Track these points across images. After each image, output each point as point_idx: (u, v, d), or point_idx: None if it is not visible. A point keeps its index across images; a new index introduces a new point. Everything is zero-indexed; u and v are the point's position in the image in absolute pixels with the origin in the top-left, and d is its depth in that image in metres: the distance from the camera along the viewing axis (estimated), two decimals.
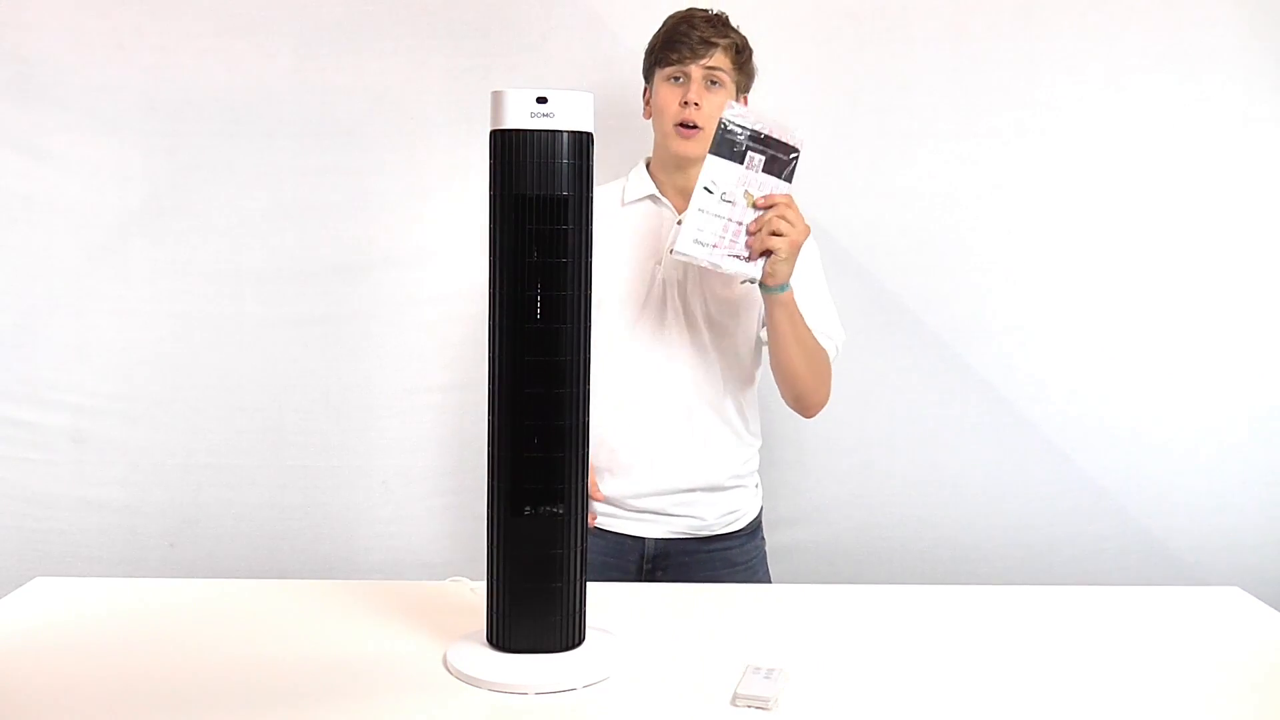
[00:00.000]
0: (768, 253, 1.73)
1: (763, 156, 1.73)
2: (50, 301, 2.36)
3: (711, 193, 1.72)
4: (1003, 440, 2.44)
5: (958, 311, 2.41)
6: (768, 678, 1.37)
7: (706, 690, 1.36)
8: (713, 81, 1.86)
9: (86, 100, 2.30)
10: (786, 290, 1.78)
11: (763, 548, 2.05)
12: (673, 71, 1.87)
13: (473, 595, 1.63)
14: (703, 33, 1.85)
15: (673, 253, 1.74)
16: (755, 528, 2.03)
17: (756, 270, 1.74)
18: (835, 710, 1.33)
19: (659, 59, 1.89)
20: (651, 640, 1.51)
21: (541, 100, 1.33)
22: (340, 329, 2.39)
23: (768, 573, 2.06)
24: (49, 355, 2.37)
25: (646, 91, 1.96)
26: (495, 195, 1.37)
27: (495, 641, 1.42)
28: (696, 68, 1.85)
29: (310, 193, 2.35)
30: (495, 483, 1.40)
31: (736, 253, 1.73)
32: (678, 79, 1.87)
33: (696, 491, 1.94)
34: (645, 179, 1.96)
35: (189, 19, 2.30)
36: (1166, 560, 2.47)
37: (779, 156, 1.74)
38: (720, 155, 1.72)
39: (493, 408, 1.40)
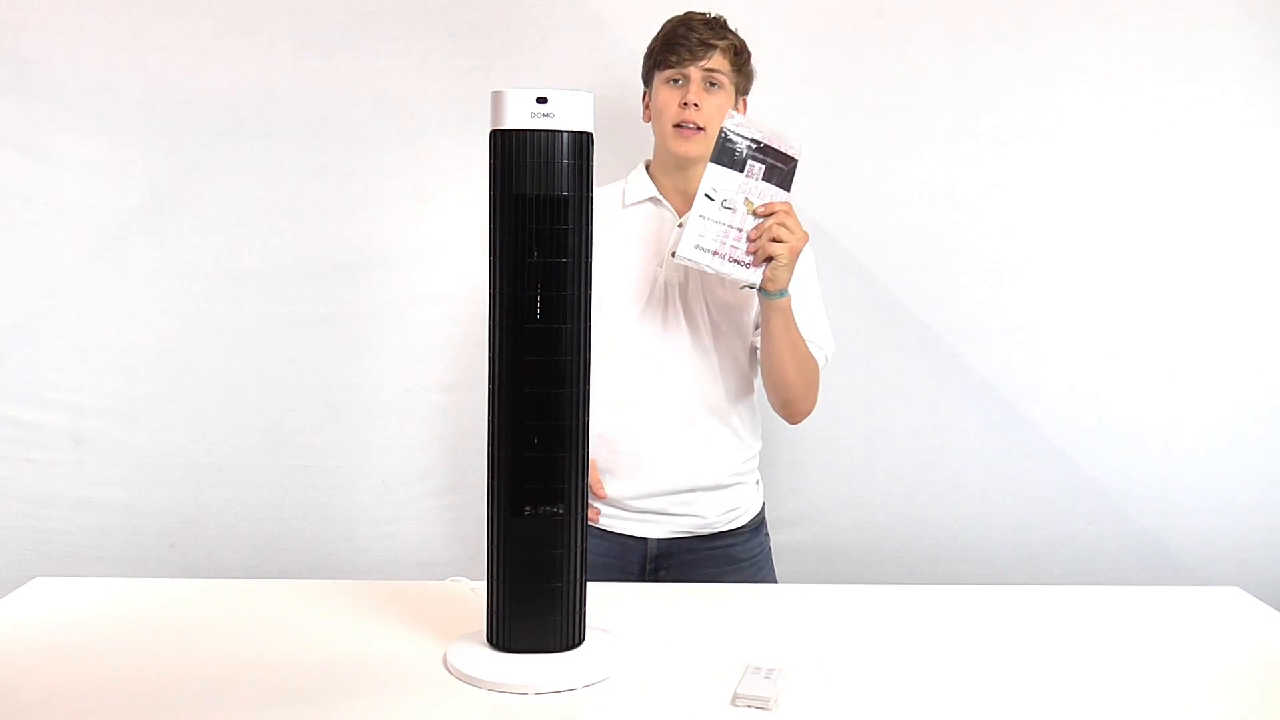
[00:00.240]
0: (768, 259, 1.75)
1: (762, 165, 1.75)
2: (50, 301, 2.36)
3: (713, 200, 1.74)
4: (1002, 440, 2.44)
5: (958, 312, 2.41)
6: (768, 678, 1.37)
7: (706, 690, 1.36)
8: (711, 83, 1.87)
9: (86, 100, 2.31)
10: (785, 296, 1.79)
11: (767, 544, 2.05)
12: (672, 74, 1.88)
13: (473, 595, 1.63)
14: (701, 35, 1.86)
15: (674, 256, 1.77)
16: (758, 524, 2.03)
17: (756, 276, 1.77)
18: (835, 710, 1.33)
19: (658, 61, 1.90)
20: (651, 640, 1.51)
21: (541, 100, 1.33)
22: (340, 329, 2.39)
23: (773, 569, 2.06)
24: (49, 355, 2.37)
25: (646, 95, 1.97)
26: (495, 195, 1.37)
27: (495, 641, 1.42)
28: (695, 69, 1.86)
29: (310, 193, 2.35)
30: (495, 483, 1.40)
31: (737, 258, 1.75)
32: (676, 81, 1.88)
33: (698, 491, 1.94)
34: (646, 181, 1.96)
35: (189, 19, 2.30)
36: (1166, 560, 2.47)
37: (778, 165, 1.76)
38: (721, 164, 1.75)
39: (493, 408, 1.40)
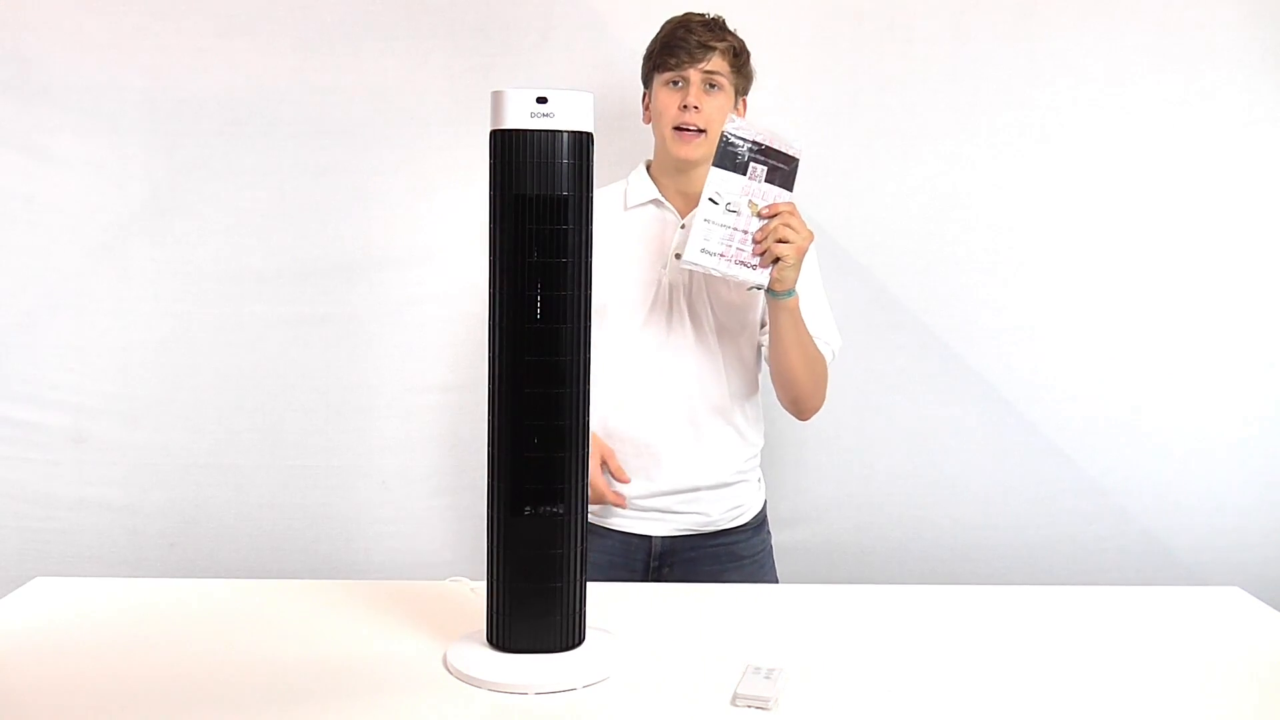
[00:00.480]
0: (775, 260, 1.75)
1: (764, 167, 1.75)
2: (50, 301, 2.36)
3: (716, 203, 1.74)
4: (1003, 440, 2.44)
5: (958, 311, 2.41)
6: (768, 678, 1.37)
7: (706, 690, 1.36)
8: (711, 85, 1.87)
9: (86, 100, 2.31)
10: (793, 296, 1.80)
11: (769, 542, 2.06)
12: (671, 76, 1.88)
13: (473, 595, 1.63)
14: (700, 37, 1.86)
15: (680, 260, 1.77)
16: (760, 522, 2.04)
17: (764, 277, 1.77)
18: (835, 710, 1.33)
19: (657, 64, 1.90)
20: (651, 640, 1.52)
21: (541, 100, 1.33)
22: (340, 329, 2.39)
23: (774, 567, 2.07)
24: (49, 355, 2.37)
25: (645, 96, 1.97)
26: (495, 195, 1.37)
27: (495, 641, 1.42)
28: (695, 71, 1.86)
29: (310, 193, 2.35)
30: (495, 483, 1.40)
31: (743, 260, 1.76)
32: (676, 83, 1.88)
33: (701, 490, 1.95)
34: (647, 182, 1.96)
35: (189, 19, 2.30)
36: (1166, 560, 2.47)
37: (780, 166, 1.76)
38: (723, 167, 1.75)
39: (493, 408, 1.40)
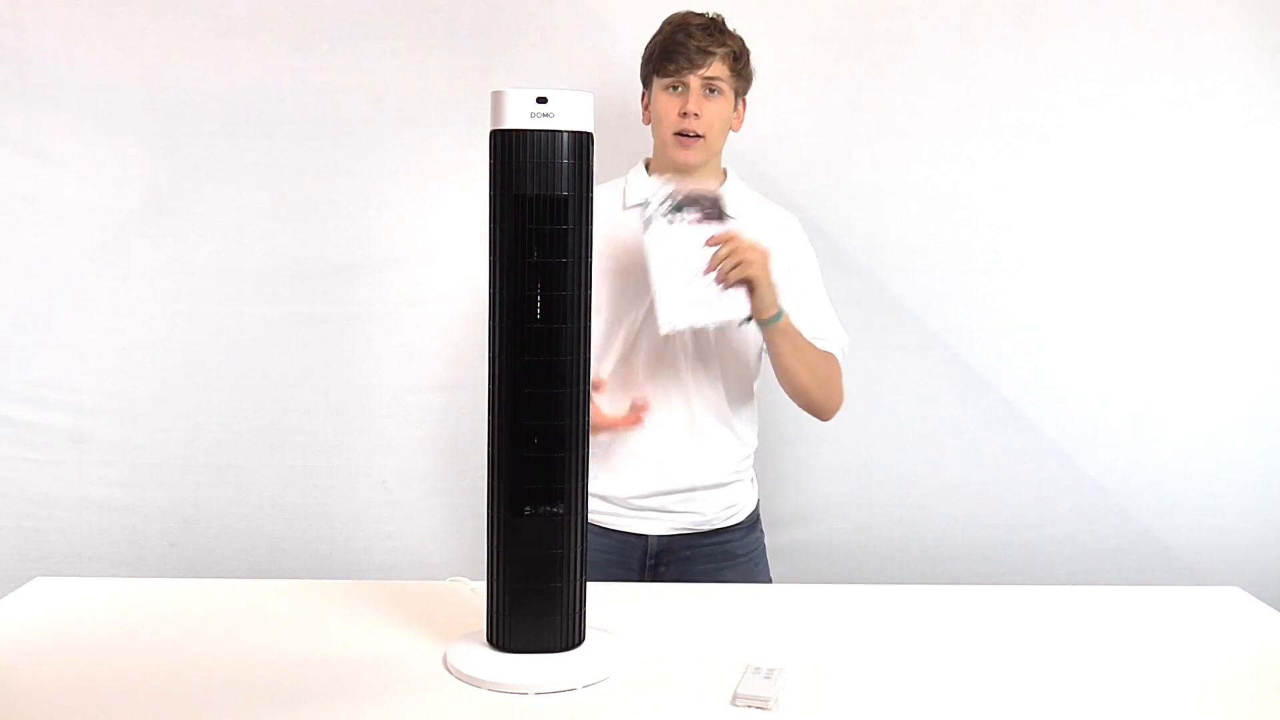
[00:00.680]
0: (744, 284, 1.74)
1: (692, 212, 1.76)
2: (50, 301, 2.36)
3: (666, 265, 1.73)
4: (1003, 440, 2.44)
5: (958, 311, 2.41)
6: (768, 678, 1.37)
7: (706, 690, 1.36)
8: (711, 90, 1.86)
9: (86, 100, 2.31)
10: (783, 317, 1.79)
11: (762, 540, 2.07)
12: (671, 81, 1.87)
13: (473, 595, 1.63)
14: (699, 42, 1.84)
15: (663, 333, 1.75)
16: (754, 521, 2.05)
17: (744, 306, 1.75)
18: (835, 710, 1.33)
19: (657, 68, 1.89)
20: (651, 640, 1.51)
21: (541, 100, 1.33)
22: (340, 329, 2.39)
23: (768, 565, 2.07)
24: (49, 355, 2.37)
25: (645, 96, 1.96)
26: (495, 195, 1.37)
27: (495, 641, 1.42)
28: (695, 77, 1.85)
29: (310, 193, 2.35)
30: (495, 483, 1.40)
31: (717, 300, 1.74)
32: (676, 88, 1.87)
33: (697, 490, 1.95)
34: (646, 183, 1.94)
35: (189, 19, 2.30)
36: (1166, 560, 2.47)
37: (704, 203, 1.76)
38: (656, 234, 1.74)
39: (493, 408, 1.40)
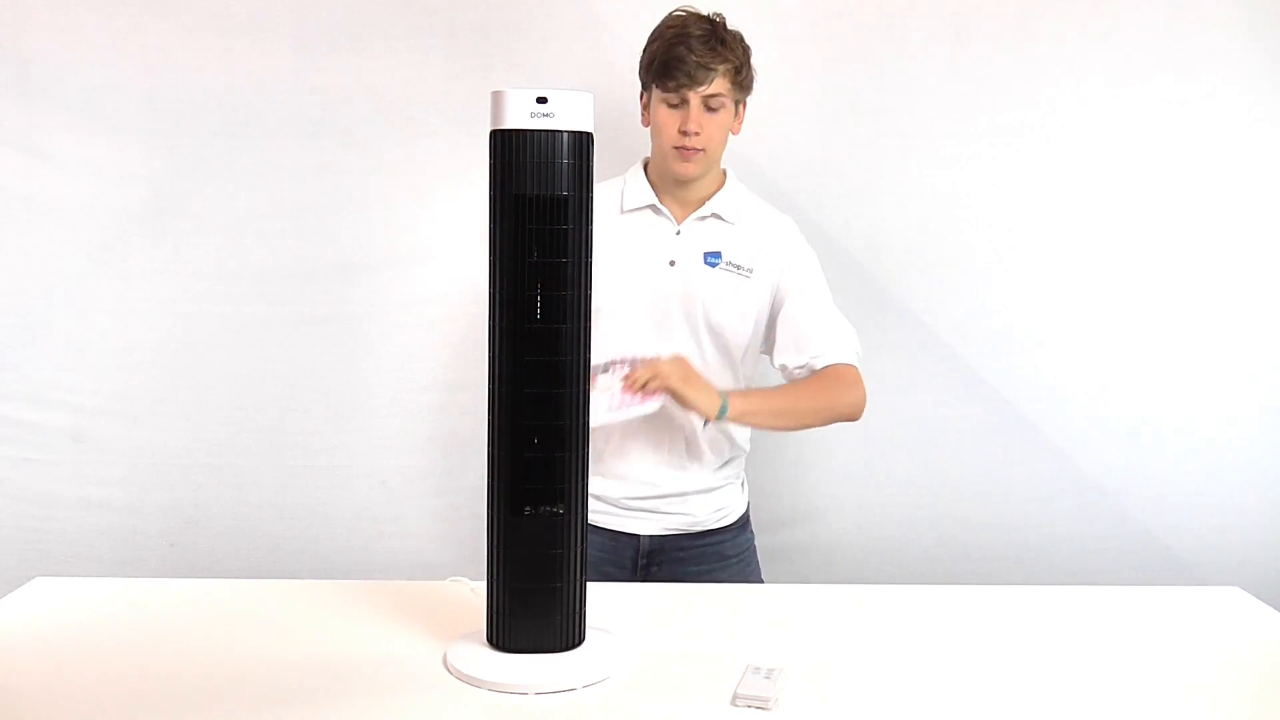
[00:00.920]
0: (668, 393, 1.76)
1: (604, 370, 1.78)
2: (50, 301, 2.36)
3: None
4: (1003, 440, 2.44)
5: (958, 311, 2.41)
6: (768, 678, 1.37)
7: (706, 690, 1.36)
8: (710, 108, 1.83)
9: (86, 100, 2.30)
10: (728, 409, 1.80)
11: (752, 541, 2.07)
12: (671, 97, 1.83)
13: (473, 595, 1.63)
14: (700, 57, 1.80)
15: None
16: (744, 522, 2.06)
17: (654, 405, 1.77)
18: (835, 710, 1.33)
19: (657, 80, 1.84)
20: (651, 640, 1.52)
21: (541, 100, 1.33)
22: (340, 329, 2.39)
23: (759, 566, 2.08)
24: (49, 355, 2.37)
25: (644, 96, 1.93)
26: (495, 195, 1.37)
27: (495, 641, 1.42)
28: (695, 95, 1.81)
29: (310, 193, 2.35)
30: (495, 483, 1.40)
31: (630, 401, 1.76)
32: (675, 104, 1.83)
33: (690, 494, 1.96)
34: (644, 186, 1.94)
35: (189, 19, 2.29)
36: (1166, 560, 2.47)
37: (614, 364, 1.80)
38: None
39: (493, 408, 1.40)
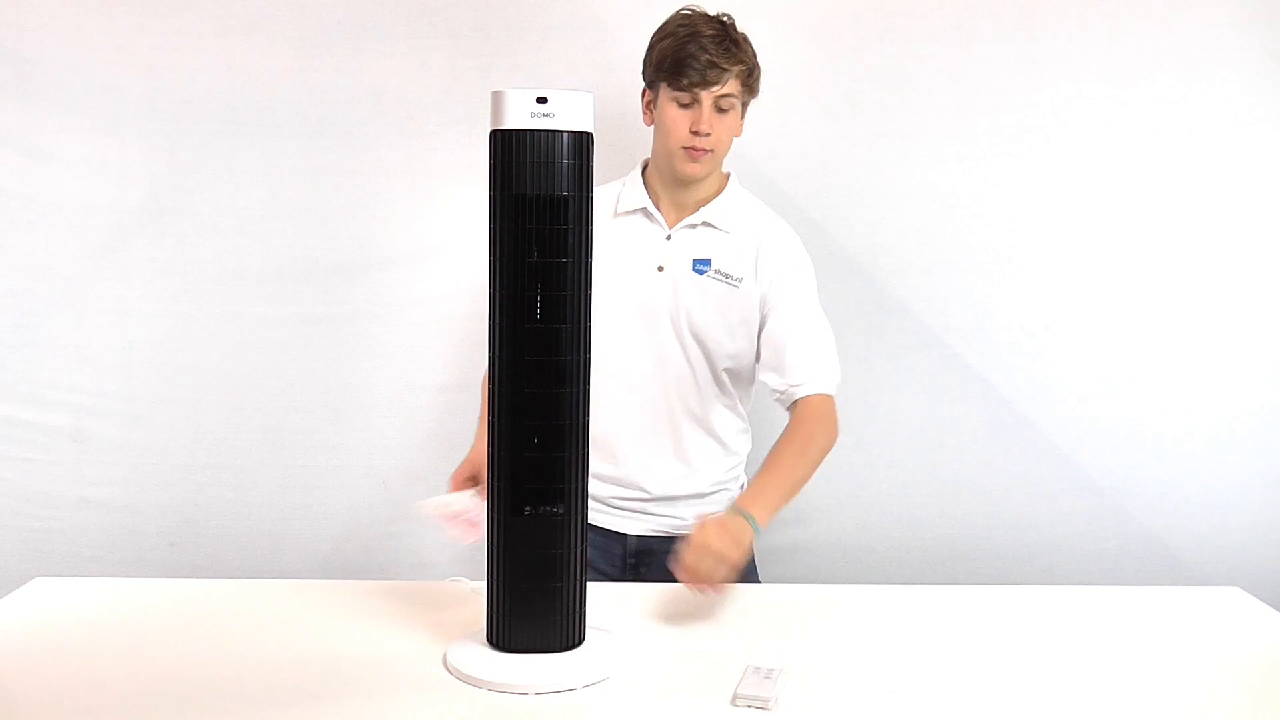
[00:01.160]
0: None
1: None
2: (50, 301, 2.36)
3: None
4: (1003, 441, 2.44)
5: (958, 311, 2.41)
6: (768, 678, 1.37)
7: (706, 690, 1.36)
8: (721, 109, 1.81)
9: (86, 100, 2.30)
10: (759, 527, 1.66)
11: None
12: (682, 97, 1.80)
13: (473, 595, 1.63)
14: (713, 56, 1.77)
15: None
16: None
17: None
18: (835, 710, 1.33)
19: (667, 79, 1.81)
20: (651, 640, 1.52)
21: (541, 100, 1.34)
22: (340, 329, 2.39)
23: (755, 568, 2.05)
24: (49, 355, 2.37)
25: (646, 94, 1.89)
26: (495, 195, 1.37)
27: (495, 641, 1.42)
28: (707, 95, 1.78)
29: (310, 193, 2.35)
30: (495, 483, 1.40)
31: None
32: (687, 104, 1.80)
33: (679, 499, 1.94)
34: (639, 189, 1.92)
35: (189, 19, 2.30)
36: (1166, 560, 2.47)
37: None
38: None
39: (493, 408, 1.40)
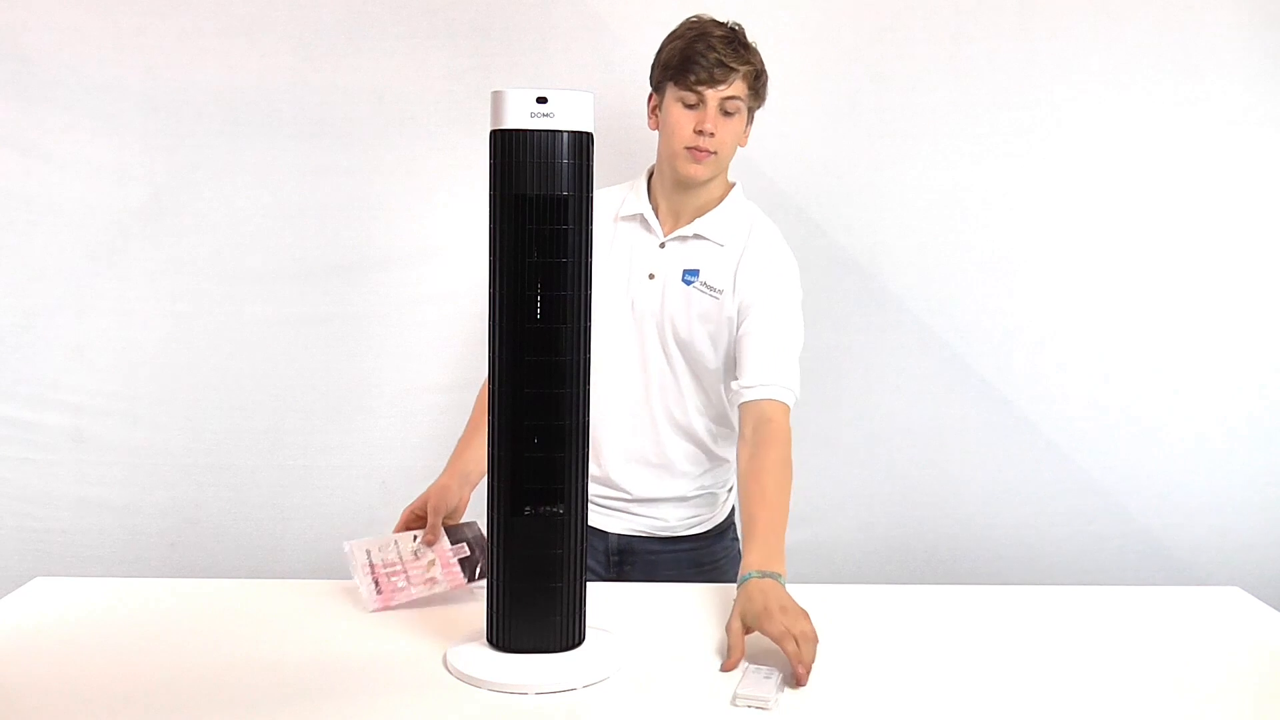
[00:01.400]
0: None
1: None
2: (50, 301, 2.36)
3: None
4: (1003, 440, 2.44)
5: (958, 311, 2.41)
6: (768, 678, 1.37)
7: (706, 690, 1.36)
8: (727, 112, 1.79)
9: (86, 100, 2.30)
10: (783, 577, 1.60)
11: (734, 548, 2.01)
12: (688, 95, 1.78)
13: (472, 595, 1.63)
14: (722, 55, 1.75)
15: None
16: (721, 532, 2.00)
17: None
18: (835, 710, 1.33)
19: (674, 77, 1.79)
20: (651, 640, 1.52)
21: (541, 100, 1.33)
22: (340, 329, 2.39)
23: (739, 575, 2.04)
24: (49, 355, 2.37)
25: (652, 99, 1.87)
26: (495, 195, 1.37)
27: (495, 641, 1.42)
28: (713, 94, 1.77)
29: (310, 193, 2.35)
30: (495, 483, 1.40)
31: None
32: (692, 104, 1.78)
33: (660, 501, 1.93)
34: (641, 195, 1.90)
35: (189, 19, 2.30)
36: (1166, 560, 2.47)
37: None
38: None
39: (493, 408, 1.40)
